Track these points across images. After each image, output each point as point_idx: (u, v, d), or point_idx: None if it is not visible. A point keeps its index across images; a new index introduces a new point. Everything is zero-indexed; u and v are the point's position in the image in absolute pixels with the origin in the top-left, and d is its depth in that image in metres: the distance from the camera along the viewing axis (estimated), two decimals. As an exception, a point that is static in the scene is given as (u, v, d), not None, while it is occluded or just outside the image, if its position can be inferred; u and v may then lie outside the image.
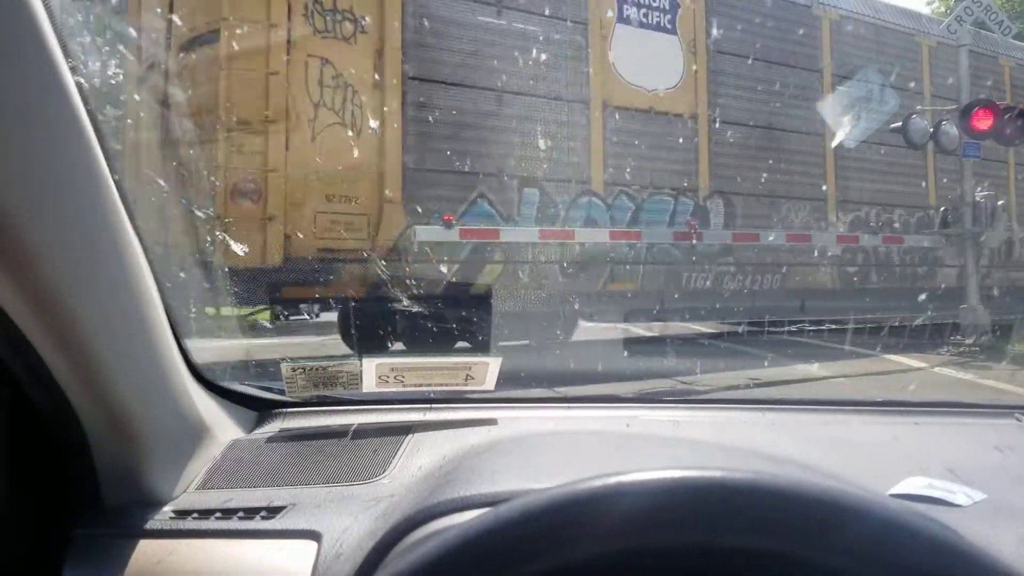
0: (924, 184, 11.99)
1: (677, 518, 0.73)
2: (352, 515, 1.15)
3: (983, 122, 9.53)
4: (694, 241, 9.57)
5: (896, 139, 10.41)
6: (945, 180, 11.86)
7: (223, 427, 1.45)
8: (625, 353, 8.10)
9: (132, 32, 6.43)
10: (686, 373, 6.50)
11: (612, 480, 0.74)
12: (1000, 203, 10.59)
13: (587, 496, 0.73)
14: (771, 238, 10.25)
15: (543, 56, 8.73)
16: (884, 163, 11.50)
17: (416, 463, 1.31)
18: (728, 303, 9.62)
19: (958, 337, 9.47)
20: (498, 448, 1.31)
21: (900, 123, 10.22)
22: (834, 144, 10.80)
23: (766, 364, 7.30)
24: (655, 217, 9.57)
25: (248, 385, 1.65)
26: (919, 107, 10.79)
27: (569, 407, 1.68)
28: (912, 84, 11.65)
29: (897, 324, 8.99)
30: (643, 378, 6.05)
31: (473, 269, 8.20)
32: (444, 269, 7.81)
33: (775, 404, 1.72)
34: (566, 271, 8.74)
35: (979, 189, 10.52)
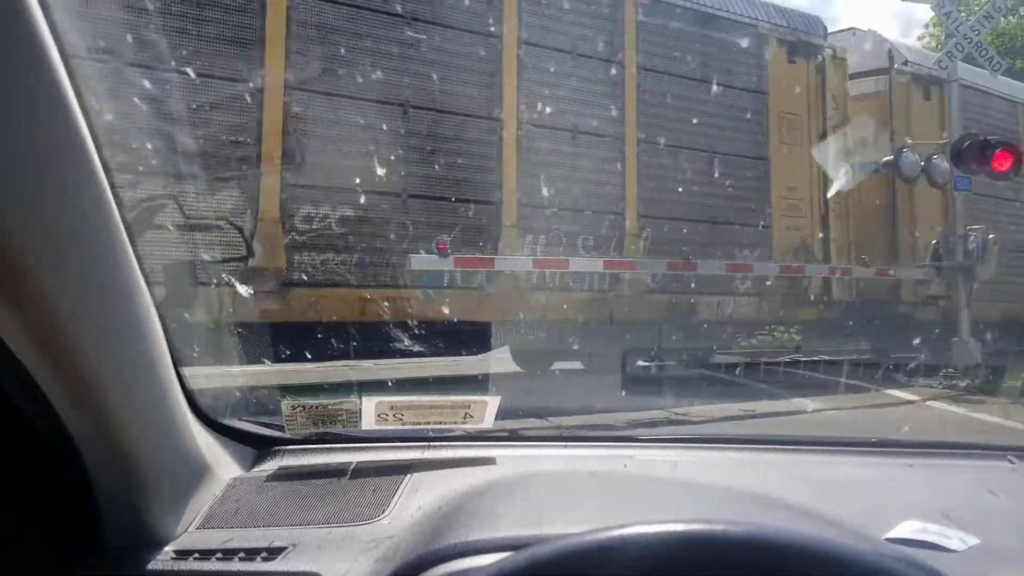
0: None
1: (680, 571, 0.74)
2: (352, 557, 1.16)
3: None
4: (691, 271, 9.56)
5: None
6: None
7: (223, 465, 1.46)
8: (622, 385, 8.09)
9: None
10: (683, 406, 6.50)
11: (616, 533, 0.75)
12: (991, 237, 10.64)
13: (592, 549, 0.75)
14: (767, 268, 10.24)
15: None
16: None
17: (415, 503, 1.32)
18: (725, 342, 9.60)
19: (951, 370, 9.50)
20: (497, 490, 1.31)
21: (892, 157, 10.34)
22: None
23: (762, 398, 7.30)
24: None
25: (247, 421, 1.66)
26: (910, 141, 10.88)
27: (567, 446, 1.69)
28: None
29: (891, 358, 9.02)
30: (640, 410, 6.04)
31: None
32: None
33: (771, 444, 1.73)
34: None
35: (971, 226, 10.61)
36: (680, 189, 9.62)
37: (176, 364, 1.29)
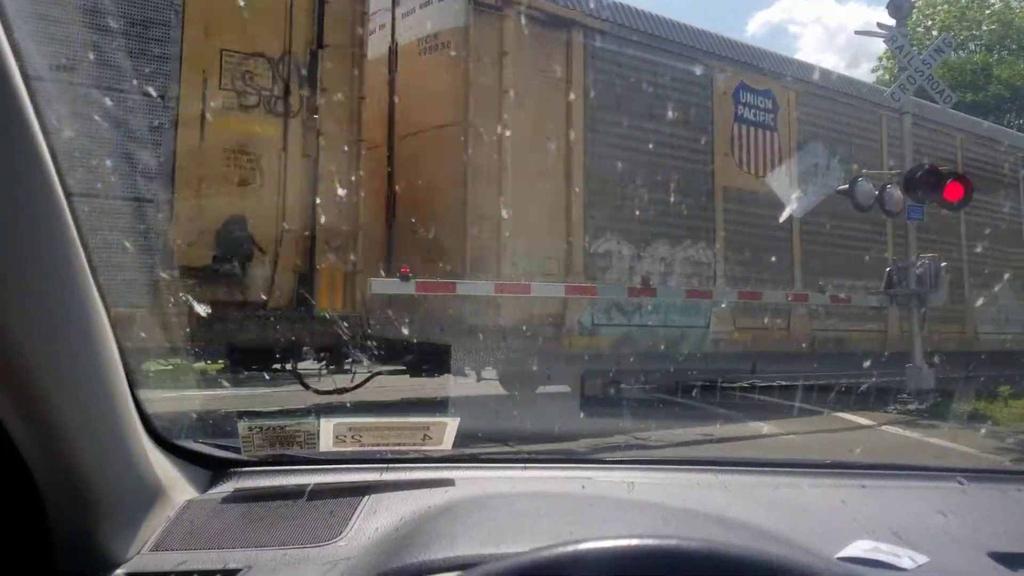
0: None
1: None
2: None
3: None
4: (648, 297, 9.64)
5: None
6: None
7: (177, 486, 1.44)
8: (581, 409, 8.09)
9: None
10: (641, 430, 6.53)
11: (570, 548, 0.76)
12: (943, 265, 10.88)
13: (546, 564, 0.75)
14: (724, 294, 10.39)
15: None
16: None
17: (373, 525, 1.31)
18: (682, 365, 9.68)
19: (904, 396, 9.67)
20: (456, 511, 1.31)
21: (847, 186, 10.55)
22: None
23: (719, 422, 7.36)
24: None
25: (203, 443, 1.63)
26: (864, 171, 11.12)
27: (525, 467, 1.69)
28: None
29: (846, 383, 9.16)
30: (599, 434, 6.05)
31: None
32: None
33: (727, 466, 1.75)
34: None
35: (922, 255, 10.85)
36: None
37: (132, 385, 1.27)
